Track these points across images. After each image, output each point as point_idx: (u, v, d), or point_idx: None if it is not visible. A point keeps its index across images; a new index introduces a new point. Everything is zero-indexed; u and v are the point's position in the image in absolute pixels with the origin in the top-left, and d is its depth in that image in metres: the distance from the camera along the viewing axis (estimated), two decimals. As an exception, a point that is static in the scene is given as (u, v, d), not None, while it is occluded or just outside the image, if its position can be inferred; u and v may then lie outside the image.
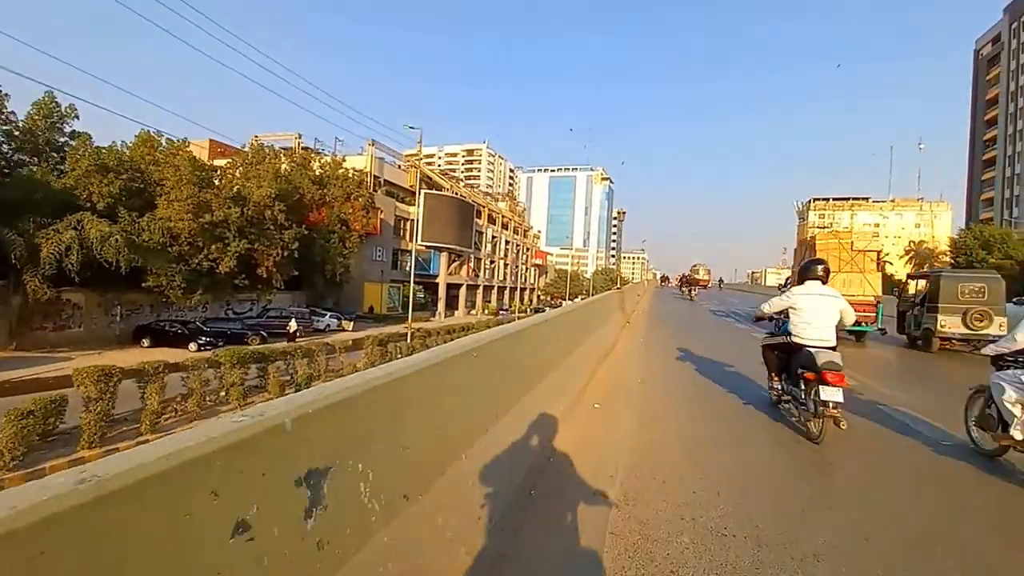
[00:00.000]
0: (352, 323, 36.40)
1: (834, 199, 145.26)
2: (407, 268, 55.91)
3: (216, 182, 27.01)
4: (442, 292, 56.21)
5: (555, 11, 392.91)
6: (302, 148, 53.19)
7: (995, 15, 73.11)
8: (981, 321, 10.84)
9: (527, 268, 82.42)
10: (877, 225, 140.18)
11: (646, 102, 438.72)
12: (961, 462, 4.15)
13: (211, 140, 44.66)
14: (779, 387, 5.24)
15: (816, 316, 4.79)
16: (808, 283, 5.00)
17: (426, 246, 54.56)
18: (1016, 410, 3.81)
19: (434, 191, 55.95)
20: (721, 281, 58.90)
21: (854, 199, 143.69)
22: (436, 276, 56.02)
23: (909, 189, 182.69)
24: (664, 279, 64.80)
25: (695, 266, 42.71)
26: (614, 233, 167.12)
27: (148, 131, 24.91)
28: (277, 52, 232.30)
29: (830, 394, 4.24)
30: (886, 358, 10.74)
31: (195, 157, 24.42)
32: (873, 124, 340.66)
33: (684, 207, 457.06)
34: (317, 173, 35.87)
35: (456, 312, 61.18)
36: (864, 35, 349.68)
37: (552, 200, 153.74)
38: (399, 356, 22.94)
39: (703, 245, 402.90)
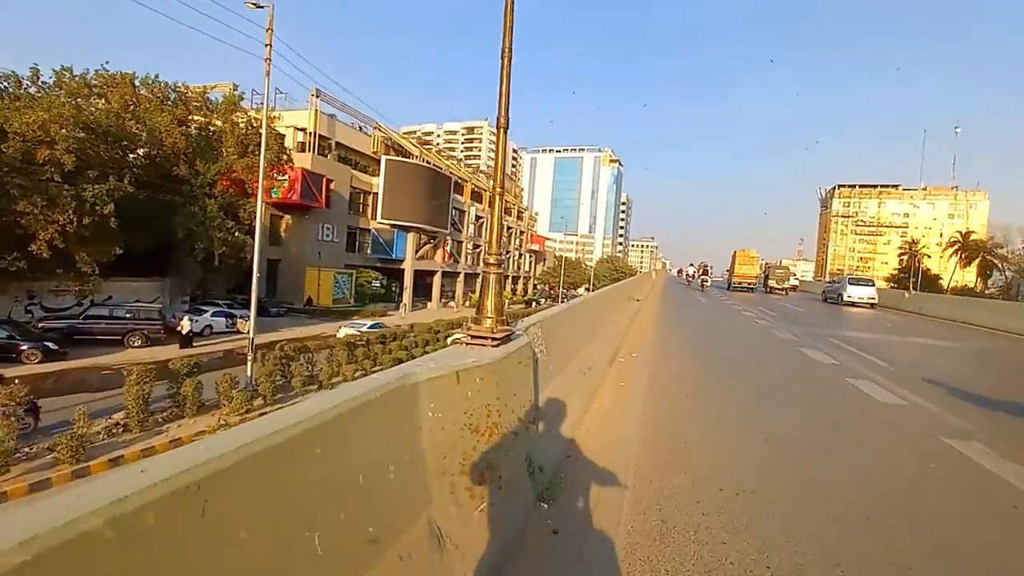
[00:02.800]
0: (246, 322, 25.96)
1: (860, 186, 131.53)
2: (367, 251, 45.65)
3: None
4: (408, 280, 45.57)
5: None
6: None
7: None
8: (782, 282, 32.18)
9: (521, 254, 71.45)
10: (907, 215, 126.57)
11: (658, 80, 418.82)
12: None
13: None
14: (699, 287, 32.48)
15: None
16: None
17: (390, 224, 43.95)
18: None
19: (399, 158, 45.05)
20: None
21: (882, 186, 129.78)
22: (401, 261, 45.41)
23: (943, 176, 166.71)
24: (685, 272, 44.43)
25: (702, 263, 52.40)
26: (622, 219, 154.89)
27: None
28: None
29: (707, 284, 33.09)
30: (752, 297, 27.65)
31: None
32: (905, 106, 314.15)
33: (698, 194, 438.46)
34: (207, 122, 25.26)
35: (429, 304, 50.65)
36: (896, 13, 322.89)
37: (557, 183, 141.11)
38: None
39: (718, 234, 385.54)
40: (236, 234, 24.85)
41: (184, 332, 23.95)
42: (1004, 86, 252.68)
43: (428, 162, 47.44)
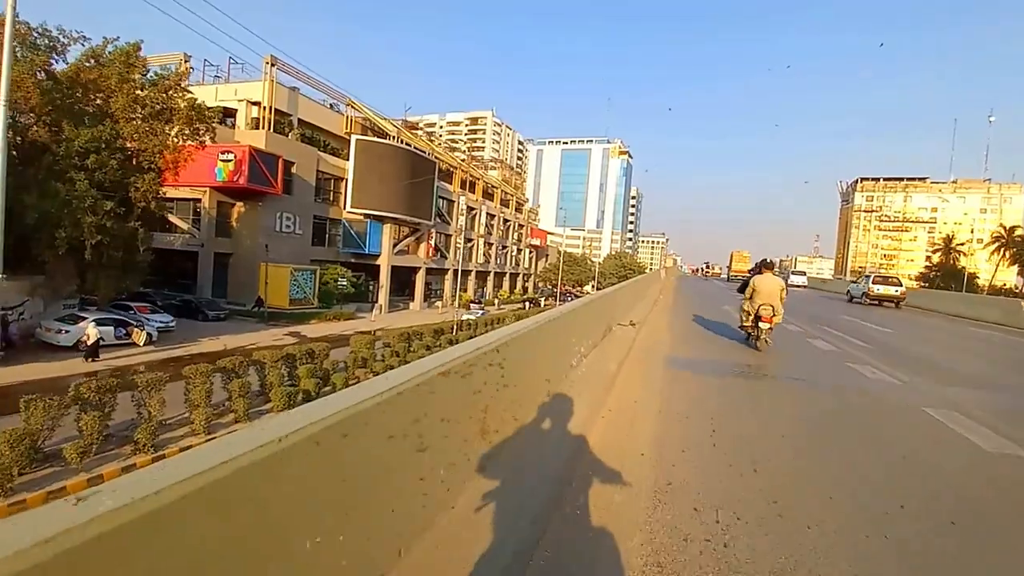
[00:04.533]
0: (145, 332, 20.37)
1: (885, 179, 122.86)
2: (338, 245, 39.99)
3: None
4: (384, 278, 39.85)
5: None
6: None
7: None
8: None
9: (520, 250, 65.38)
10: (935, 209, 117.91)
11: (671, 70, 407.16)
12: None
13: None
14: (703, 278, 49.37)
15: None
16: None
17: (362, 214, 38.24)
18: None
19: (372, 138, 39.24)
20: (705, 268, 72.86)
21: (908, 179, 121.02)
22: (376, 256, 39.66)
23: (975, 169, 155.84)
24: (703, 270, 69.57)
25: (709, 263, 63.39)
26: (632, 214, 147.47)
27: None
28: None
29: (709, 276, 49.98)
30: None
31: None
32: (933, 94, 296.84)
33: (712, 188, 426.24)
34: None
35: (412, 304, 44.96)
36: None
37: (564, 176, 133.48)
38: None
39: (732, 230, 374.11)
40: (129, 221, 19.30)
41: (90, 342, 18.72)
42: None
43: (409, 145, 41.53)
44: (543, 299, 61.88)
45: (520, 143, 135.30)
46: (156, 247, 32.98)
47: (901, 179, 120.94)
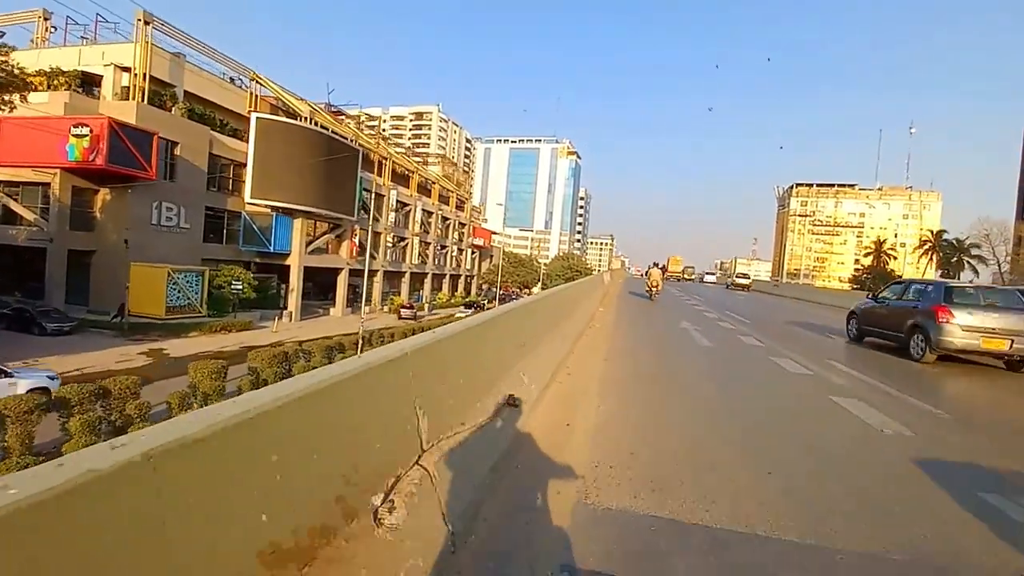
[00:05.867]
0: None
1: (818, 185, 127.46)
2: (239, 242, 34.20)
3: None
4: (295, 281, 34.36)
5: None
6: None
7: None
8: (690, 276, 61.65)
9: (462, 250, 60.98)
10: (862, 215, 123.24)
11: (617, 76, 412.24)
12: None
13: None
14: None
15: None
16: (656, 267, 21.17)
17: (266, 205, 32.63)
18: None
19: (278, 117, 33.77)
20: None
21: (839, 186, 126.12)
22: (285, 255, 34.17)
23: (898, 177, 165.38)
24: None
25: (651, 263, 57.65)
26: (580, 215, 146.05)
27: None
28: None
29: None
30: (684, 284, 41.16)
31: None
32: (863, 105, 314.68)
33: (658, 191, 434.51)
34: None
35: (333, 310, 39.62)
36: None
37: (512, 175, 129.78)
38: None
39: (677, 233, 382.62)
40: None
41: None
42: (958, 86, 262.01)
43: (326, 128, 36.28)
44: (486, 301, 57.80)
45: (468, 140, 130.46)
46: (-12, 242, 26.67)
47: (833, 185, 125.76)
